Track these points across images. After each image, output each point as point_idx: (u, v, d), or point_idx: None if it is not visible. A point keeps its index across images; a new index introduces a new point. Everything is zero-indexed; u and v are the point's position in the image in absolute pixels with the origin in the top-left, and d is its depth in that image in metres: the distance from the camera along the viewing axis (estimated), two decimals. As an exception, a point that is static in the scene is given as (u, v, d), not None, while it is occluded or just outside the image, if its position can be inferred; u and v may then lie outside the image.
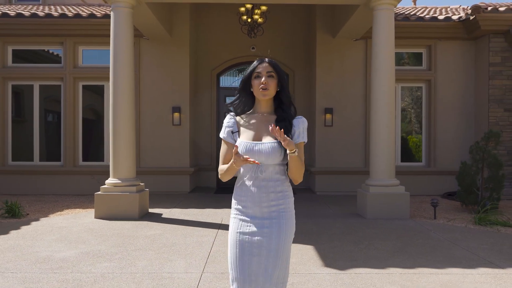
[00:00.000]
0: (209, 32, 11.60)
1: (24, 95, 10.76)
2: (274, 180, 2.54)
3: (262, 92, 2.54)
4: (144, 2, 7.80)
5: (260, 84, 2.54)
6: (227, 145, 2.63)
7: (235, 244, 2.52)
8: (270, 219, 2.52)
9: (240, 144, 2.52)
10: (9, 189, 10.22)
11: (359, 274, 4.49)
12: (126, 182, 7.50)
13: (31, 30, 10.26)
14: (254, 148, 2.49)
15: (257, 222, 2.52)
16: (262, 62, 2.59)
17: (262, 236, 2.49)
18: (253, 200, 2.53)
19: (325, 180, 10.46)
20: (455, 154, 10.44)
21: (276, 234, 2.50)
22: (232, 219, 2.62)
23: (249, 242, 2.50)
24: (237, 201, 2.61)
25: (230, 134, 2.62)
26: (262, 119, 2.60)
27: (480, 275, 4.48)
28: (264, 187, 2.52)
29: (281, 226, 2.52)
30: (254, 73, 2.58)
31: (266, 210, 2.53)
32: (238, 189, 2.62)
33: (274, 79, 2.55)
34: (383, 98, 7.58)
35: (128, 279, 4.31)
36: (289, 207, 2.59)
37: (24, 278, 4.29)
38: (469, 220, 7.23)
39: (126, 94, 7.56)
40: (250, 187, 2.54)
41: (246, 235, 2.51)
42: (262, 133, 2.56)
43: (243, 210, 2.56)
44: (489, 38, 9.89)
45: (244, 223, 2.54)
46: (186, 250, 5.35)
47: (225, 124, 2.66)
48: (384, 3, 7.50)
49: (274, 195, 2.53)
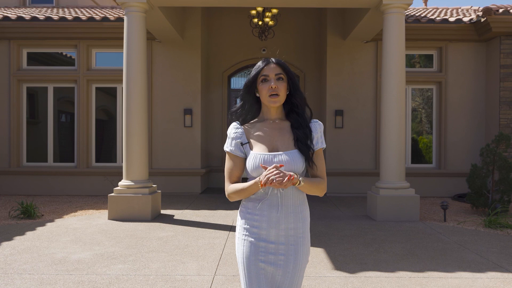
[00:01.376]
0: (221, 34, 11.70)
1: (38, 97, 10.94)
2: (294, 198, 2.24)
3: (272, 99, 2.23)
4: (156, 6, 7.91)
5: (269, 89, 2.22)
6: (235, 160, 2.28)
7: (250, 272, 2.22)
8: (286, 244, 2.23)
9: (256, 157, 2.19)
10: (23, 189, 10.41)
11: (369, 278, 4.55)
12: (139, 184, 7.62)
13: (46, 33, 10.43)
14: (274, 160, 2.17)
15: (271, 247, 2.22)
16: (268, 63, 2.26)
17: (277, 264, 2.22)
18: (269, 220, 2.21)
19: (335, 182, 10.51)
20: (465, 156, 10.44)
21: (293, 264, 2.22)
22: (240, 241, 2.28)
23: (264, 269, 2.22)
24: (248, 220, 2.26)
25: (239, 146, 2.26)
26: (275, 126, 2.28)
27: (490, 279, 4.52)
28: (283, 206, 2.21)
29: (298, 254, 2.24)
30: (260, 76, 2.25)
31: (283, 233, 2.22)
32: (250, 206, 2.26)
33: (284, 81, 2.24)
34: (394, 101, 7.62)
35: (142, 281, 4.41)
36: (306, 231, 2.29)
37: (41, 280, 4.41)
38: (479, 223, 7.24)
39: (139, 97, 7.68)
40: (266, 206, 2.21)
41: (262, 262, 2.22)
42: (277, 143, 2.24)
43: (256, 231, 2.23)
44: (500, 40, 9.87)
45: (258, 248, 2.22)
46: (198, 252, 5.44)
47: (231, 135, 2.29)
48: (394, 6, 7.53)
49: (294, 217, 2.24)
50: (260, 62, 2.29)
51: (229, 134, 2.30)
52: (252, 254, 2.22)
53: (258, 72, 2.25)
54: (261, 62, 2.28)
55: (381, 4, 7.59)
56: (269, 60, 2.28)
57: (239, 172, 2.28)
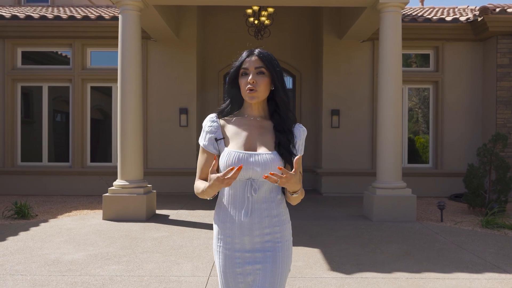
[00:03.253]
0: (216, 33, 11.64)
1: (33, 96, 10.86)
2: (269, 201, 2.04)
3: (249, 94, 2.03)
4: (151, 5, 7.84)
5: (247, 83, 2.03)
6: (207, 155, 2.10)
7: (228, 285, 2.09)
8: (263, 251, 2.04)
9: (230, 154, 1.99)
10: (18, 189, 10.33)
11: (365, 279, 4.50)
12: (134, 183, 7.56)
13: (40, 32, 10.35)
14: (250, 159, 1.98)
15: (247, 257, 2.04)
16: (251, 55, 2.07)
17: (254, 275, 2.04)
18: (242, 228, 2.02)
19: (332, 182, 10.47)
20: (462, 156, 10.41)
21: (270, 272, 2.03)
22: (216, 252, 2.11)
23: (244, 282, 2.06)
24: (220, 228, 2.08)
25: (213, 142, 2.08)
26: (255, 124, 2.10)
27: (487, 280, 4.48)
28: (256, 210, 2.02)
29: (277, 261, 2.04)
30: (241, 70, 2.07)
31: (259, 240, 2.03)
32: (222, 212, 2.08)
33: (265, 76, 2.04)
34: (390, 101, 7.58)
35: (136, 282, 4.36)
36: (285, 236, 2.09)
37: (34, 281, 4.35)
38: (476, 223, 7.21)
39: (134, 96, 7.62)
40: (237, 211, 2.03)
41: (239, 274, 2.06)
42: (256, 142, 2.04)
43: (229, 240, 2.05)
44: (497, 39, 9.85)
45: (233, 259, 2.06)
46: (193, 253, 5.39)
47: (205, 129, 2.12)
48: (391, 5, 7.49)
49: (269, 221, 2.03)
50: (244, 52, 2.10)
51: (204, 126, 2.13)
52: (228, 267, 2.06)
53: (240, 65, 2.08)
54: (245, 53, 2.10)
55: (377, 3, 7.55)
56: (253, 51, 2.08)
57: (208, 170, 2.05)
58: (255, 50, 2.08)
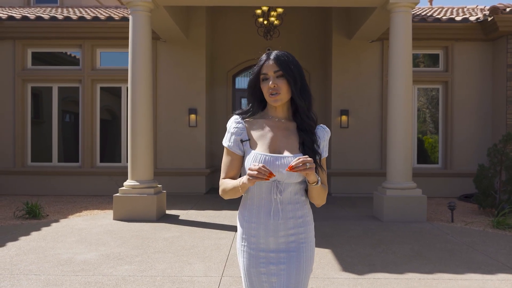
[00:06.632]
0: (225, 34, 11.66)
1: (43, 97, 10.92)
2: (293, 202, 2.09)
3: (272, 98, 2.07)
4: (162, 5, 7.87)
5: (269, 88, 2.07)
6: (232, 156, 2.13)
7: (252, 285, 2.11)
8: (287, 251, 2.08)
9: (256, 156, 2.03)
10: (28, 189, 10.39)
11: (378, 280, 4.50)
12: (144, 184, 7.59)
13: (50, 33, 10.41)
14: (276, 162, 2.00)
15: (272, 257, 2.08)
16: (267, 59, 2.09)
17: (279, 275, 2.06)
18: (267, 228, 2.07)
19: (341, 182, 10.46)
20: (472, 156, 10.36)
21: (295, 272, 2.06)
22: (240, 252, 2.16)
23: (268, 282, 2.08)
24: (245, 229, 2.14)
25: (238, 143, 2.11)
26: (279, 125, 2.12)
27: (500, 281, 4.47)
28: (282, 211, 2.06)
29: (301, 262, 2.08)
30: (261, 75, 2.10)
31: (283, 240, 2.08)
32: (246, 212, 2.14)
33: (284, 78, 2.07)
34: (401, 101, 7.56)
35: (149, 282, 4.38)
36: (309, 236, 2.15)
37: (47, 281, 4.38)
38: (486, 224, 7.18)
39: (144, 97, 7.65)
40: (263, 212, 2.07)
41: (263, 274, 2.08)
42: (280, 144, 2.07)
43: (254, 240, 2.10)
44: (507, 39, 9.79)
45: (258, 259, 2.09)
46: (205, 253, 5.41)
47: (230, 130, 2.14)
48: (401, 5, 7.47)
49: (293, 222, 2.09)
50: (263, 56, 2.13)
51: (228, 128, 2.15)
52: (252, 267, 2.09)
53: (259, 71, 2.11)
54: (264, 56, 2.13)
55: (388, 3, 7.53)
56: (269, 55, 2.10)
57: (234, 171, 2.12)
58: (272, 54, 2.10)
